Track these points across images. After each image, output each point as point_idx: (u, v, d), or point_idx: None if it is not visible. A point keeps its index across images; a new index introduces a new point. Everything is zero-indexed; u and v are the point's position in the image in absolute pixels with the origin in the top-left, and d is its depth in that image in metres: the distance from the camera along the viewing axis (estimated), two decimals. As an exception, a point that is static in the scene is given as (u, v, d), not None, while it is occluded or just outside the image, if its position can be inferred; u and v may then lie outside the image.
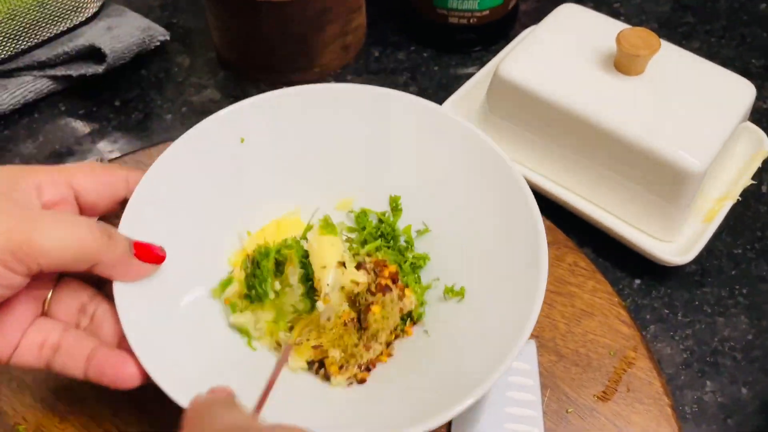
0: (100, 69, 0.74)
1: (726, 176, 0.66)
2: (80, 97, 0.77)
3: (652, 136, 0.59)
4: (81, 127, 0.75)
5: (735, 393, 0.58)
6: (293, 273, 0.52)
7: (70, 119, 0.76)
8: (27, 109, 0.76)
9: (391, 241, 0.58)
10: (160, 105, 0.77)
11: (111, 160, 0.67)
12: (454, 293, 0.54)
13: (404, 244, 0.59)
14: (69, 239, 0.43)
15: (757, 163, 0.67)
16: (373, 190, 0.60)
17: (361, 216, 0.60)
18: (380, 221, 0.60)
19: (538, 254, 0.50)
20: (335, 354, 0.51)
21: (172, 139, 0.70)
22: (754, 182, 0.66)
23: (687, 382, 0.58)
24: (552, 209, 0.66)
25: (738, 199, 0.65)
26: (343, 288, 0.51)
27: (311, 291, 0.51)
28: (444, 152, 0.57)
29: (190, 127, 0.74)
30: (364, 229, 0.59)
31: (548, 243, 0.63)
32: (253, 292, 0.52)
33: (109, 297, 0.48)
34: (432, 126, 0.58)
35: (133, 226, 0.49)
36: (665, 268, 0.63)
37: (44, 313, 0.47)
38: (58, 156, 0.73)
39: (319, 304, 0.50)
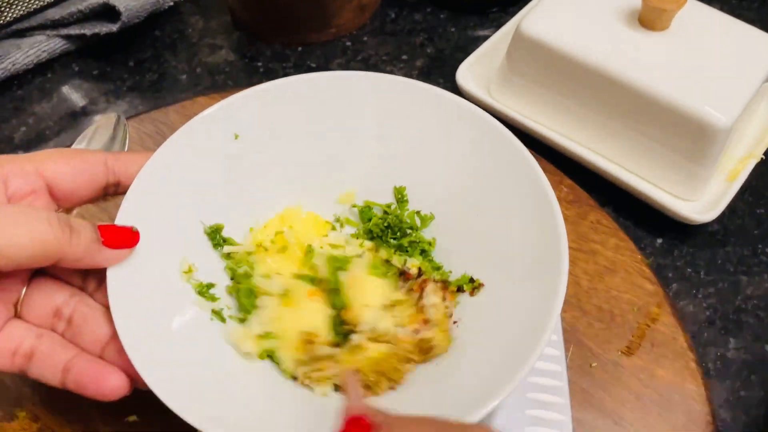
0: (114, 28, 0.73)
1: (749, 135, 0.66)
2: (94, 58, 0.76)
3: (678, 92, 0.58)
4: (95, 87, 0.74)
5: (758, 350, 0.58)
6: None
7: (84, 79, 0.75)
8: (40, 69, 0.75)
9: (398, 233, 0.55)
10: (175, 66, 0.76)
11: (128, 119, 0.66)
12: (469, 285, 0.51)
13: (409, 231, 0.55)
14: (26, 237, 0.39)
15: (782, 122, 0.66)
16: (376, 181, 0.56)
17: (365, 210, 0.56)
18: (386, 213, 0.56)
19: (557, 236, 0.46)
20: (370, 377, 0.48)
21: (188, 99, 0.70)
22: (777, 141, 0.66)
23: (710, 339, 0.58)
24: (573, 169, 0.65)
25: (762, 158, 0.64)
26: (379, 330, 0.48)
27: (338, 322, 0.49)
28: (449, 137, 0.54)
29: (206, 87, 0.74)
30: (369, 220, 0.56)
31: (570, 201, 0.63)
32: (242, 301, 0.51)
33: (90, 295, 0.46)
34: (435, 110, 0.54)
35: (129, 219, 0.47)
36: (687, 227, 0.63)
37: (16, 315, 0.44)
38: (73, 116, 0.72)
39: (356, 338, 0.47)
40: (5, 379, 0.52)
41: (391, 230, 0.55)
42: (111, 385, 0.42)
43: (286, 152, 0.56)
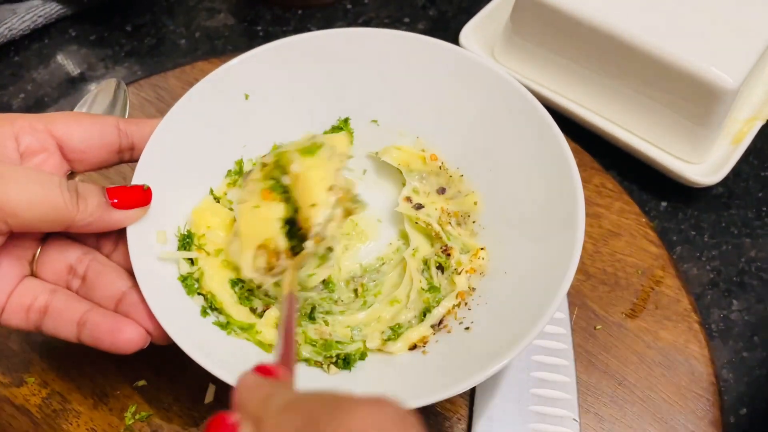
0: (111, -9, 0.72)
1: (755, 97, 0.65)
2: (91, 23, 0.75)
3: (684, 53, 0.57)
4: (93, 52, 0.73)
5: (761, 311, 0.58)
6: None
7: (82, 45, 0.74)
8: (37, 35, 0.74)
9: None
10: (173, 30, 0.75)
11: (128, 84, 0.65)
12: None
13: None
14: (38, 199, 0.40)
15: (788, 84, 0.65)
16: (393, 136, 0.57)
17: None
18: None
19: (575, 199, 0.47)
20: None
21: (187, 64, 0.69)
22: (783, 103, 0.65)
23: (714, 301, 0.58)
24: (578, 132, 0.65)
25: (767, 121, 0.64)
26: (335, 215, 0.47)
27: (292, 229, 0.47)
28: (465, 94, 0.54)
29: (205, 52, 0.73)
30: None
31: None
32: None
33: (107, 256, 0.46)
34: (450, 67, 0.54)
35: (145, 174, 0.47)
36: (691, 190, 0.63)
37: (32, 274, 0.45)
38: (71, 82, 0.71)
39: (309, 244, 0.46)
40: (13, 345, 0.53)
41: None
42: (127, 337, 0.42)
43: (301, 110, 0.56)
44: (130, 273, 0.44)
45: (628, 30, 0.59)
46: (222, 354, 0.44)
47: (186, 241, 0.49)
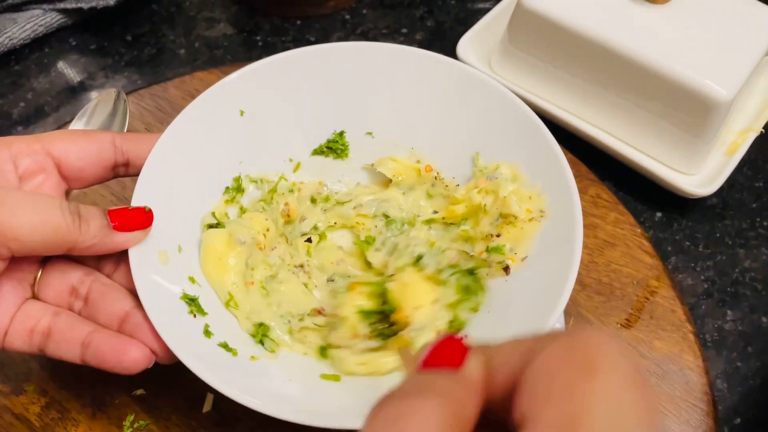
0: (111, 1, 0.73)
1: (749, 109, 0.66)
2: (91, 32, 0.76)
3: (678, 65, 0.58)
4: (93, 61, 0.74)
5: (755, 322, 0.59)
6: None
7: (82, 54, 0.74)
8: (37, 44, 0.74)
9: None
10: (173, 40, 0.76)
11: (128, 94, 0.65)
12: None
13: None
14: (40, 224, 0.40)
15: (781, 96, 0.66)
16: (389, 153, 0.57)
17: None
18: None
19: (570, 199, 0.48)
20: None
21: (186, 73, 0.70)
22: (777, 115, 0.66)
23: (708, 311, 0.59)
24: (574, 143, 0.65)
25: (761, 132, 0.64)
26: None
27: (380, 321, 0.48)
28: (460, 106, 0.55)
29: (204, 62, 0.74)
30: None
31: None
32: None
33: (107, 276, 0.46)
34: (445, 80, 0.54)
35: (143, 196, 0.47)
36: (686, 201, 0.63)
37: (33, 296, 0.45)
38: (72, 91, 0.72)
39: (406, 334, 0.47)
40: (12, 353, 0.53)
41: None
42: (132, 357, 0.42)
43: (296, 124, 0.56)
44: (133, 293, 0.44)
45: (624, 42, 0.59)
46: (227, 370, 0.45)
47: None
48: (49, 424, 0.50)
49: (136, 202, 0.47)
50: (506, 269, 0.50)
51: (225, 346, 0.47)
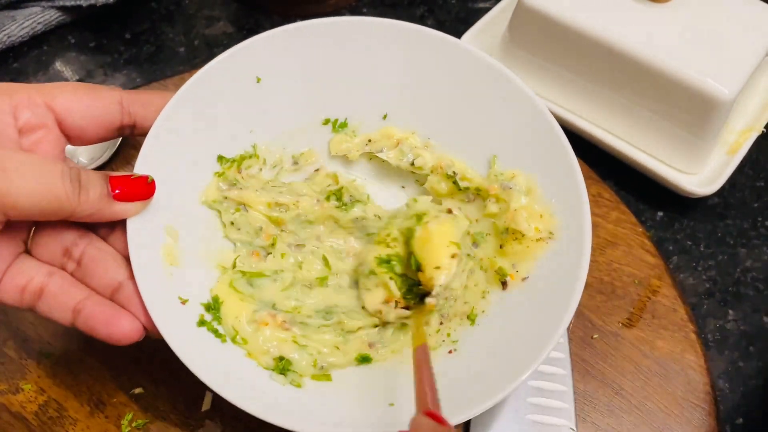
0: (110, -1, 0.72)
1: (751, 108, 0.66)
2: (90, 30, 0.75)
3: (680, 65, 0.58)
4: (92, 59, 0.73)
5: (757, 321, 0.58)
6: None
7: (81, 52, 0.74)
8: (36, 42, 0.74)
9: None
10: (172, 38, 0.75)
11: (126, 91, 0.65)
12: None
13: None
14: (39, 191, 0.38)
15: (783, 95, 0.66)
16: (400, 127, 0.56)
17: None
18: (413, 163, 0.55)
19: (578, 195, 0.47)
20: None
21: (186, 71, 0.69)
22: (778, 114, 0.66)
23: (710, 310, 0.59)
24: (575, 142, 0.64)
25: (763, 131, 0.64)
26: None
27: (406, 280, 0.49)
28: (479, 100, 0.53)
29: (204, 60, 0.73)
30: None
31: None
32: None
33: (103, 238, 0.45)
34: (459, 67, 0.53)
35: (148, 161, 0.46)
36: (688, 201, 0.63)
37: (26, 252, 0.44)
38: (70, 89, 0.71)
39: (431, 300, 0.47)
40: (9, 352, 0.53)
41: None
42: (123, 329, 0.42)
43: (310, 98, 0.54)
44: (127, 259, 0.43)
45: (626, 41, 0.59)
46: (213, 359, 0.44)
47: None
48: (47, 423, 0.50)
49: (138, 169, 0.45)
50: (504, 284, 0.49)
51: (215, 331, 0.46)
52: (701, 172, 0.63)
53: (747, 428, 0.54)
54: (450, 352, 0.48)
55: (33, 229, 0.44)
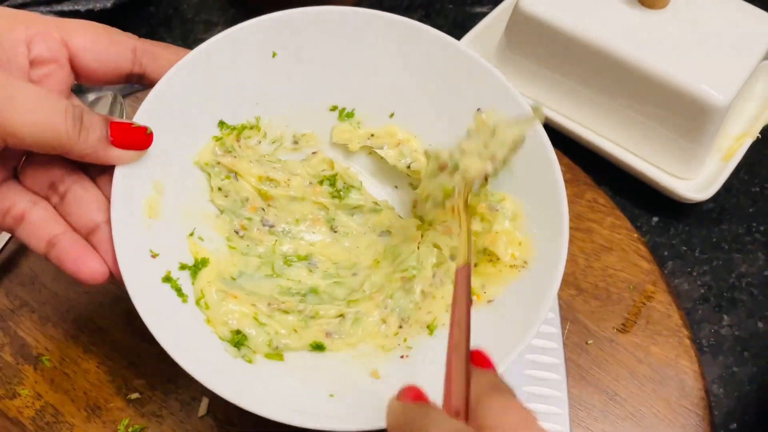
0: (108, 4, 0.72)
1: (746, 114, 0.66)
2: (88, 34, 0.75)
3: (675, 70, 0.58)
4: (90, 64, 0.74)
5: (752, 327, 0.59)
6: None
7: (79, 56, 0.74)
8: (34, 46, 0.74)
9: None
10: (170, 42, 0.75)
11: (125, 97, 0.65)
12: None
13: None
14: (41, 124, 0.39)
15: (778, 101, 0.66)
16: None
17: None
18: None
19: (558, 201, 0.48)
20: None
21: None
22: (773, 120, 0.66)
23: (704, 316, 0.59)
24: (570, 147, 0.65)
25: (758, 137, 0.64)
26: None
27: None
28: (461, 91, 0.53)
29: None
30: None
31: (567, 180, 0.63)
32: None
33: (92, 179, 0.45)
34: (452, 64, 0.53)
35: (149, 114, 0.46)
36: (683, 206, 0.63)
37: (14, 178, 0.44)
38: (68, 93, 0.71)
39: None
40: (6, 356, 0.53)
41: None
42: (89, 270, 0.42)
43: (324, 81, 0.54)
44: (110, 204, 0.44)
45: (621, 47, 0.59)
46: (172, 319, 0.44)
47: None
48: (44, 428, 0.50)
49: (139, 119, 0.46)
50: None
51: (178, 290, 0.46)
52: (696, 177, 0.63)
53: (741, 433, 0.55)
54: (402, 357, 0.48)
55: (24, 157, 0.44)
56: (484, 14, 0.73)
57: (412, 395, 0.33)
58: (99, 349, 0.53)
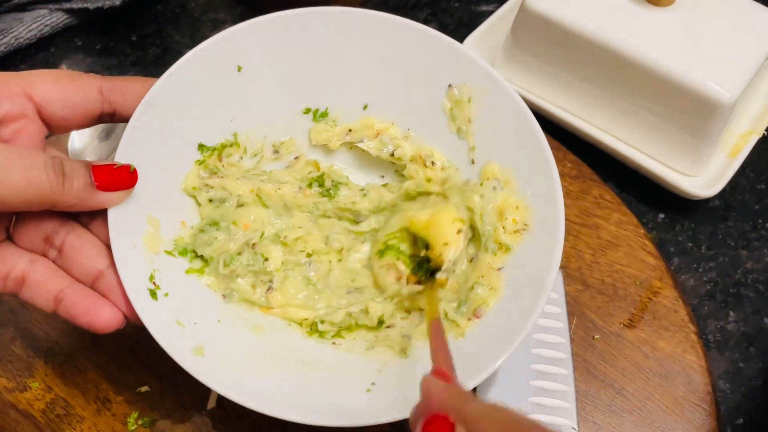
0: (116, 1, 0.73)
1: (752, 111, 0.66)
2: (97, 32, 0.76)
3: (682, 68, 0.58)
4: (98, 61, 0.74)
5: (758, 322, 0.59)
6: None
7: (88, 54, 0.75)
8: (43, 44, 0.75)
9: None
10: (178, 40, 0.76)
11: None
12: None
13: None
14: (23, 184, 0.38)
15: (784, 98, 0.66)
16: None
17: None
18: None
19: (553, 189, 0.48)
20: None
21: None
22: (779, 117, 0.66)
23: (710, 312, 0.59)
24: (577, 144, 0.65)
25: (764, 134, 0.65)
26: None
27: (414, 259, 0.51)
28: (450, 84, 0.53)
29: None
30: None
31: (573, 176, 0.64)
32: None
33: (84, 225, 0.45)
34: (437, 59, 0.52)
35: (129, 150, 0.46)
36: (689, 202, 0.64)
37: (8, 239, 0.44)
38: (77, 91, 0.72)
39: (442, 275, 0.49)
40: (17, 350, 0.53)
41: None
42: (104, 319, 0.42)
43: (291, 87, 0.54)
44: (109, 248, 0.44)
45: (628, 44, 0.60)
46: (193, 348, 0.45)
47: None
48: (54, 420, 0.50)
49: (120, 158, 0.45)
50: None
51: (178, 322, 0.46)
52: (702, 174, 0.63)
53: (748, 429, 0.55)
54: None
55: (14, 217, 0.44)
56: (490, 13, 0.74)
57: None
58: (109, 342, 0.54)
